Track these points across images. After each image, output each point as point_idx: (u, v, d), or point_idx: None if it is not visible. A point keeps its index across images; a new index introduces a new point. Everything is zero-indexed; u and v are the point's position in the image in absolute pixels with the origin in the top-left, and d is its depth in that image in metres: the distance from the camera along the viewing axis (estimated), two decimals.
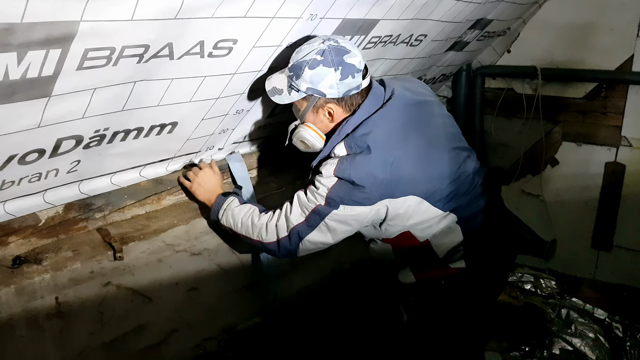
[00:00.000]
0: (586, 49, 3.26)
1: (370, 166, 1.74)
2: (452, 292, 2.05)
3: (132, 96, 1.54)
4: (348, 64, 1.74)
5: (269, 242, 1.89)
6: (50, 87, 1.28)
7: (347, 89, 1.77)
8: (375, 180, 1.73)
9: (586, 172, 3.48)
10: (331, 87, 1.75)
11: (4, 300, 1.59)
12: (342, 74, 1.74)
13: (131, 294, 1.92)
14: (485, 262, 2.04)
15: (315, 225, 1.80)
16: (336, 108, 1.83)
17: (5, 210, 1.67)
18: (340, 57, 1.73)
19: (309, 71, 1.73)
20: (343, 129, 1.81)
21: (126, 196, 2.00)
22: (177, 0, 1.26)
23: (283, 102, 1.84)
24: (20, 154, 1.45)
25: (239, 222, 1.94)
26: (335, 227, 1.81)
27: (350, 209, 1.76)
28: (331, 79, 1.74)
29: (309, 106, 1.83)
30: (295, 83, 1.77)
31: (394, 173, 1.75)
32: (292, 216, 1.84)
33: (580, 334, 3.28)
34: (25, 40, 1.09)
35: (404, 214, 1.84)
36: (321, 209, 1.78)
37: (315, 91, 1.77)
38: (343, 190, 1.75)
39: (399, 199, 1.79)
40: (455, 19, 2.50)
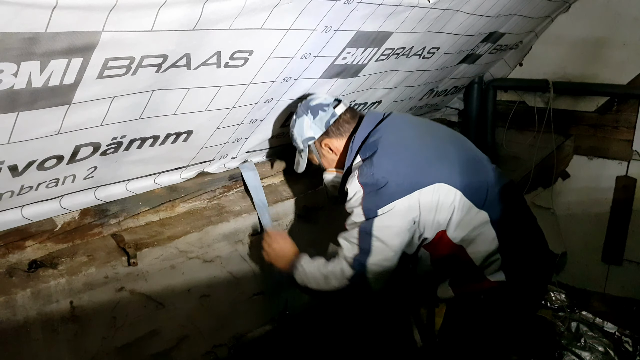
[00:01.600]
0: (598, 63, 3.27)
1: (387, 162, 1.86)
2: (491, 307, 2.03)
3: (150, 105, 1.57)
4: (313, 105, 2.03)
5: (341, 287, 1.91)
6: (71, 95, 1.31)
7: (323, 121, 2.02)
8: (397, 173, 1.84)
9: (597, 186, 3.47)
10: (311, 127, 2.03)
11: (20, 303, 1.62)
12: (312, 113, 2.02)
13: (144, 300, 1.94)
14: (524, 275, 2.02)
15: (369, 245, 1.85)
16: (329, 140, 2.05)
17: (22, 215, 1.69)
18: (306, 105, 2.05)
19: (294, 130, 2.07)
20: (353, 144, 1.98)
21: (141, 203, 2.02)
22: (196, 12, 1.29)
23: (303, 168, 2.16)
24: (40, 160, 1.48)
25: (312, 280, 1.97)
26: (386, 235, 1.84)
27: (387, 208, 1.82)
28: (307, 123, 2.03)
29: (315, 155, 2.11)
30: (297, 146, 2.11)
31: (414, 164, 1.87)
32: (346, 252, 1.89)
33: (590, 348, 3.26)
34: (48, 50, 1.12)
35: (436, 205, 1.87)
36: (364, 226, 1.85)
37: (307, 139, 2.06)
38: (372, 197, 1.84)
39: (429, 187, 1.85)
40: (468, 32, 2.52)
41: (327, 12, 1.64)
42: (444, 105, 3.85)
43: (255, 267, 2.36)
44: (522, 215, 2.11)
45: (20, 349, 1.64)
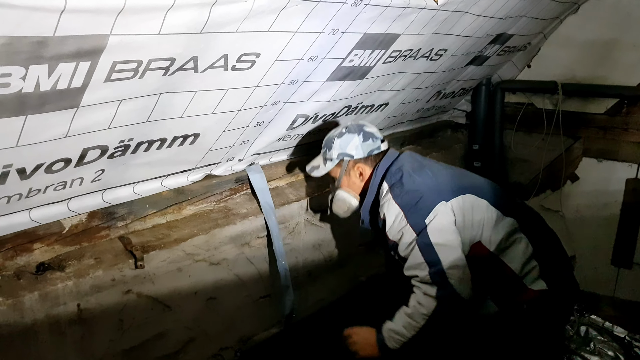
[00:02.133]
0: (608, 64, 3.26)
1: (415, 179, 2.01)
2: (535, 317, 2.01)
3: (157, 108, 1.57)
4: (367, 131, 2.16)
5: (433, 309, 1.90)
6: (79, 98, 1.31)
7: (369, 149, 2.14)
8: (429, 187, 1.98)
9: (607, 189, 3.45)
10: (357, 147, 2.13)
11: (28, 305, 1.62)
12: (364, 137, 2.14)
13: (151, 302, 1.94)
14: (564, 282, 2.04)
15: (435, 255, 1.89)
16: (364, 167, 2.16)
17: (30, 218, 1.70)
18: (360, 127, 2.17)
19: (338, 140, 2.15)
20: (377, 170, 2.13)
21: (148, 205, 2.03)
22: (204, 15, 1.29)
23: (321, 174, 2.21)
24: (48, 163, 1.49)
25: (403, 330, 1.96)
26: (444, 237, 1.91)
27: (432, 216, 1.92)
28: (356, 142, 2.13)
29: (342, 171, 2.18)
30: (329, 154, 2.17)
31: (441, 180, 2.03)
32: (420, 275, 1.92)
33: (599, 352, 3.23)
34: (56, 53, 1.12)
35: (468, 213, 1.97)
36: (420, 241, 1.91)
37: (345, 154, 2.14)
38: (413, 212, 1.94)
39: (458, 198, 1.98)
40: (476, 34, 2.51)
41: (334, 14, 1.64)
42: (452, 107, 3.84)
43: (261, 270, 2.36)
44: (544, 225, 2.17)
45: (27, 351, 1.64)
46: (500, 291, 2.05)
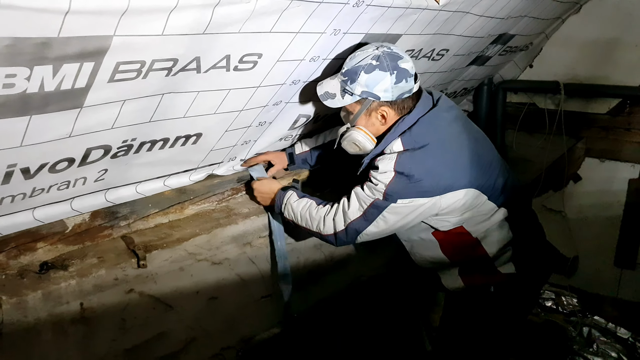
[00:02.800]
0: (610, 64, 3.27)
1: (431, 161, 1.81)
2: (501, 301, 2.09)
3: (160, 108, 1.58)
4: (402, 68, 1.81)
5: (327, 234, 1.98)
6: (83, 99, 1.32)
7: (400, 92, 1.84)
8: (434, 175, 1.80)
9: (609, 189, 3.46)
10: (386, 90, 1.82)
11: (31, 304, 1.63)
12: (397, 78, 1.80)
13: (153, 302, 1.94)
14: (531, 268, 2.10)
15: (373, 219, 1.87)
16: (389, 111, 1.88)
17: (34, 217, 1.70)
18: (395, 62, 1.80)
19: (365, 75, 1.80)
20: (399, 127, 1.87)
21: (150, 205, 2.03)
22: (206, 16, 1.30)
23: (335, 106, 1.89)
24: (51, 163, 1.50)
25: (299, 215, 2.03)
26: (393, 219, 1.87)
27: (408, 201, 1.82)
28: (386, 83, 1.80)
29: (361, 109, 1.88)
30: (350, 87, 1.83)
31: (453, 167, 1.84)
32: (349, 211, 1.90)
33: (602, 353, 3.25)
34: (60, 54, 1.13)
35: (461, 207, 1.90)
36: (379, 203, 1.84)
37: (370, 94, 1.83)
38: (401, 185, 1.80)
39: (459, 192, 1.84)
40: (478, 34, 2.51)
41: (336, 14, 1.65)
42: None
43: (262, 269, 2.37)
44: (528, 213, 2.21)
45: (30, 350, 1.64)
46: (470, 269, 2.11)
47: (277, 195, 2.13)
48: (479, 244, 2.03)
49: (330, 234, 1.97)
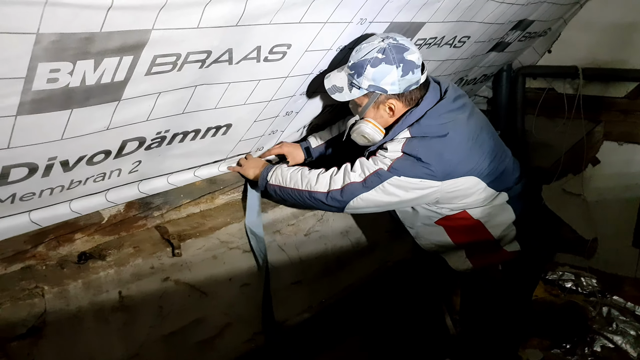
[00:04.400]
0: (628, 48, 3.24)
1: (440, 148, 1.82)
2: (509, 278, 2.14)
3: (193, 99, 1.61)
4: (408, 60, 1.79)
5: (317, 191, 1.94)
6: (121, 92, 1.35)
7: (407, 84, 1.82)
8: (441, 160, 1.82)
9: (628, 171, 3.45)
10: (393, 83, 1.80)
11: (73, 294, 1.68)
12: (403, 71, 1.79)
13: (188, 289, 1.99)
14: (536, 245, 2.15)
15: (372, 186, 1.86)
16: (397, 103, 1.87)
17: (71, 209, 1.75)
18: (401, 54, 1.78)
19: (371, 69, 1.78)
20: (407, 119, 1.87)
21: (182, 195, 2.08)
22: (240, 8, 1.33)
23: (344, 100, 1.89)
24: (89, 155, 1.54)
25: (288, 176, 2.01)
26: (393, 191, 1.86)
27: (412, 180, 1.83)
28: (393, 76, 1.79)
29: (369, 102, 1.87)
30: (357, 81, 1.81)
31: (459, 154, 1.85)
32: (352, 173, 1.90)
33: (621, 332, 3.26)
34: (102, 49, 1.16)
35: (463, 194, 1.93)
36: (382, 172, 1.84)
37: (377, 88, 1.82)
38: (407, 164, 1.82)
39: (460, 179, 1.87)
40: (498, 21, 2.52)
41: (363, 4, 1.67)
42: (473, 94, 3.85)
43: (292, 256, 2.41)
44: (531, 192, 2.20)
45: (74, 337, 1.70)
46: (476, 250, 2.15)
47: (266, 167, 2.12)
48: (483, 227, 2.07)
49: (321, 192, 1.93)
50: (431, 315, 3.06)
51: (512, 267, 2.13)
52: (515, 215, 2.07)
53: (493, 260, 2.14)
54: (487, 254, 2.14)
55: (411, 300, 2.97)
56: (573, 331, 3.30)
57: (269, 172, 2.07)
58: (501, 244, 2.10)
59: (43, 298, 1.62)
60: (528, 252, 2.11)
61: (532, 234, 2.15)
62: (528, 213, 2.13)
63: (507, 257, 2.11)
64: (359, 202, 1.89)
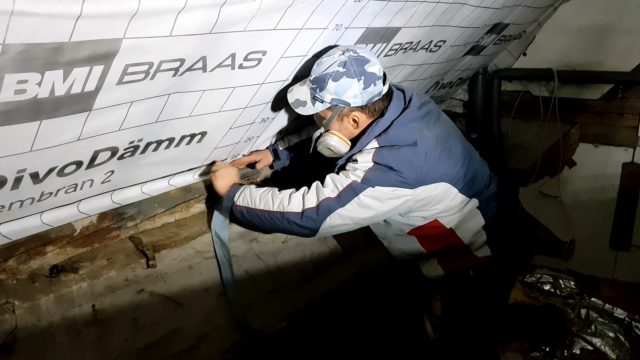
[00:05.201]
0: (602, 50, 3.28)
1: (409, 155, 1.81)
2: (481, 283, 2.14)
3: (166, 108, 1.58)
4: (369, 72, 1.78)
5: (290, 212, 1.85)
6: (92, 102, 1.32)
7: (370, 96, 1.82)
8: (412, 167, 1.80)
9: (604, 173, 3.48)
10: (355, 96, 1.80)
11: (44, 308, 1.64)
12: (365, 83, 1.78)
13: (164, 301, 1.96)
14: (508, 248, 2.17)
15: (348, 201, 1.81)
16: (360, 115, 1.87)
17: (42, 221, 1.71)
18: (362, 67, 1.77)
19: (333, 83, 1.77)
20: (373, 129, 1.86)
21: (157, 205, 2.05)
22: (213, 16, 1.30)
23: (307, 113, 1.87)
24: (60, 166, 1.50)
25: (257, 198, 1.91)
26: (369, 203, 1.82)
27: (386, 189, 1.80)
28: (355, 89, 1.78)
29: (333, 115, 1.87)
30: (319, 95, 1.81)
31: (428, 161, 1.83)
32: (325, 190, 1.84)
33: (600, 334, 3.29)
34: (71, 58, 1.13)
35: (434, 200, 1.92)
36: (356, 185, 1.80)
37: (340, 101, 1.81)
38: (380, 173, 1.80)
39: (431, 185, 1.86)
40: (474, 25, 2.53)
41: (338, 10, 1.65)
42: (449, 97, 3.87)
43: (269, 264, 2.39)
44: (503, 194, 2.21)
45: (45, 353, 1.66)
46: (447, 256, 2.16)
47: (233, 187, 2.01)
48: (454, 233, 2.07)
49: (295, 212, 1.84)
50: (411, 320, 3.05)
51: (484, 271, 2.14)
52: (485, 220, 2.08)
53: (464, 266, 2.15)
54: (458, 259, 2.15)
55: (390, 305, 2.96)
56: (552, 334, 3.32)
57: (236, 192, 1.97)
58: (471, 249, 2.11)
59: (13, 314, 1.57)
60: (500, 256, 2.13)
61: (504, 238, 2.16)
62: (499, 217, 2.14)
63: (478, 262, 2.12)
64: (335, 219, 1.84)
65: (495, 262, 2.13)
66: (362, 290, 2.90)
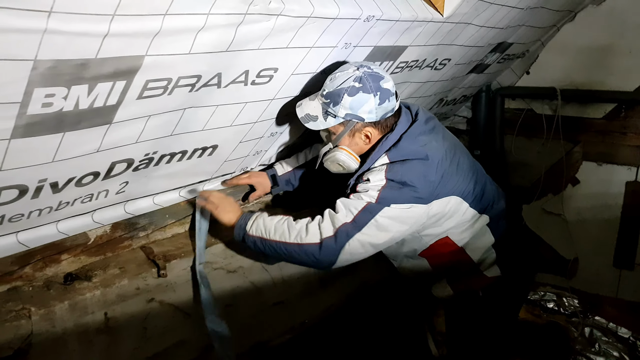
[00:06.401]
0: (605, 70, 3.32)
1: (422, 169, 1.82)
2: (489, 303, 2.15)
3: (181, 122, 1.63)
4: (384, 88, 1.80)
5: (309, 243, 1.80)
6: (112, 115, 1.37)
7: (384, 112, 1.83)
8: (426, 181, 1.82)
9: (607, 192, 3.51)
10: (370, 112, 1.80)
11: (59, 315, 1.68)
12: (381, 99, 1.79)
13: (172, 310, 1.99)
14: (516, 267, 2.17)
15: (365, 223, 1.79)
16: (373, 131, 1.87)
17: (58, 230, 1.76)
18: (377, 82, 1.78)
19: (349, 98, 1.77)
20: (383, 144, 1.87)
21: (167, 215, 2.09)
22: (230, 35, 1.36)
23: (318, 128, 1.87)
24: (78, 177, 1.55)
25: (272, 228, 1.87)
26: (387, 225, 1.80)
27: (402, 206, 1.80)
28: (370, 105, 1.79)
29: (345, 130, 1.87)
30: (333, 110, 1.81)
31: (439, 174, 1.85)
32: (339, 215, 1.81)
33: (604, 353, 3.30)
34: (96, 74, 1.19)
35: (445, 215, 1.94)
36: (372, 207, 1.79)
37: (355, 117, 1.81)
38: (394, 191, 1.79)
39: (444, 199, 1.89)
40: (478, 44, 2.59)
41: (347, 29, 1.71)
42: (453, 114, 3.92)
43: (275, 277, 2.42)
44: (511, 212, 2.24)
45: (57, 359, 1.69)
46: (457, 275, 2.17)
47: (243, 215, 1.96)
48: (463, 252, 2.09)
49: (314, 243, 1.80)
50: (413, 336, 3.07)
51: (493, 292, 2.14)
52: (495, 238, 2.09)
53: (474, 286, 2.15)
54: (468, 279, 2.15)
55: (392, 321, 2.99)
56: (556, 352, 3.33)
57: (247, 221, 1.92)
58: (481, 268, 2.12)
59: (30, 319, 1.61)
60: (508, 276, 2.13)
61: (512, 258, 2.17)
62: (507, 235, 2.15)
63: (488, 283, 2.12)
64: (354, 246, 1.80)
65: (504, 282, 2.13)
66: (365, 305, 2.92)
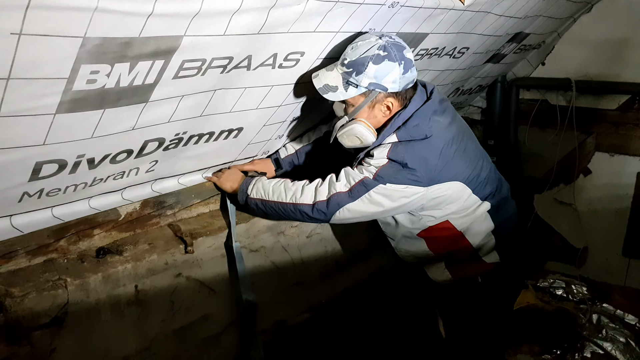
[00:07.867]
0: (620, 62, 3.35)
1: (425, 152, 1.82)
2: (488, 289, 2.18)
3: (211, 103, 1.69)
4: (407, 58, 1.78)
5: (302, 203, 1.90)
6: (149, 94, 1.44)
7: (406, 82, 1.81)
8: (427, 165, 1.82)
9: (618, 182, 3.54)
10: (394, 81, 1.77)
11: (93, 286, 1.75)
12: (404, 68, 1.76)
13: (198, 286, 2.06)
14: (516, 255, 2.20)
15: (358, 196, 1.84)
16: (394, 102, 1.85)
17: (90, 206, 1.82)
18: (401, 52, 1.76)
19: (374, 66, 1.73)
20: (395, 122, 1.85)
21: (193, 195, 2.15)
22: (262, 18, 1.42)
23: (338, 99, 1.83)
24: (113, 154, 1.62)
25: (270, 189, 1.96)
26: (380, 200, 1.85)
27: (398, 187, 1.82)
28: (395, 74, 1.75)
29: (365, 101, 1.82)
30: (355, 79, 1.76)
31: (444, 159, 1.85)
32: (338, 184, 1.87)
33: (611, 339, 3.33)
34: (138, 53, 1.25)
35: (447, 200, 1.94)
36: (368, 181, 1.83)
37: (378, 86, 1.77)
38: (393, 171, 1.81)
39: (446, 184, 1.88)
40: (497, 33, 2.63)
41: (373, 15, 1.76)
42: (468, 104, 3.96)
43: (294, 257, 2.48)
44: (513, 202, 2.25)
45: (92, 329, 1.77)
46: (455, 260, 2.18)
47: (245, 180, 2.07)
48: (463, 237, 2.09)
49: (307, 204, 1.89)
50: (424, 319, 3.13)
51: (492, 278, 2.17)
52: (495, 224, 2.10)
53: (472, 272, 2.17)
54: (467, 264, 2.16)
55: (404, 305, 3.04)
56: (563, 337, 3.37)
57: (248, 185, 2.02)
58: (480, 254, 2.12)
59: (66, 289, 1.68)
60: (508, 263, 2.15)
61: (513, 245, 2.19)
62: (508, 223, 2.16)
63: (486, 269, 2.14)
64: (344, 213, 1.88)
65: (503, 268, 2.15)
66: (379, 288, 2.98)
